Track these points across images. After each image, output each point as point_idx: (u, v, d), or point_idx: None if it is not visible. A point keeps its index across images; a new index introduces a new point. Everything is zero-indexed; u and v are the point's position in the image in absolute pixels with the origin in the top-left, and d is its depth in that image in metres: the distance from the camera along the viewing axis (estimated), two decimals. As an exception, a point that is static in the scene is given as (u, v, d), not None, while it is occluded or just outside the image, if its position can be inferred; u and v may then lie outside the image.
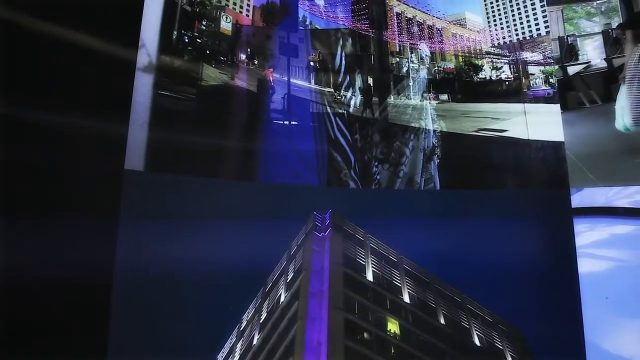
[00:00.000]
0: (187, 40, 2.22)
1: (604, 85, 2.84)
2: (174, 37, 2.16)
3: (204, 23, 2.32)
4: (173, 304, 2.11)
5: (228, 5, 2.49)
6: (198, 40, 2.27)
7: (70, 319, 1.80)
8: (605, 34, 2.90)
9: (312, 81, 2.78)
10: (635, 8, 2.74)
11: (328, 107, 2.78)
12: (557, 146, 2.80)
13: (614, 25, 2.90)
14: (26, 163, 1.77)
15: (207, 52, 2.31)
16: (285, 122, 2.61)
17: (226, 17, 2.43)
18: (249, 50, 2.54)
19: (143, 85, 1.99)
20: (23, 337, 1.75)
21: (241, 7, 2.55)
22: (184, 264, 2.19)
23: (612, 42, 2.84)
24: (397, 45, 3.13)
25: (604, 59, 2.88)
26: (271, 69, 2.61)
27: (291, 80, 2.69)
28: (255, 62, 2.56)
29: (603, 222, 2.66)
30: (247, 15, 2.59)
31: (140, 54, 2.00)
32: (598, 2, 2.99)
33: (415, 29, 3.19)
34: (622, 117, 2.77)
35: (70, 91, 1.86)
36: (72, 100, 1.84)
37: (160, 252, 2.09)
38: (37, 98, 1.82)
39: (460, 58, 3.16)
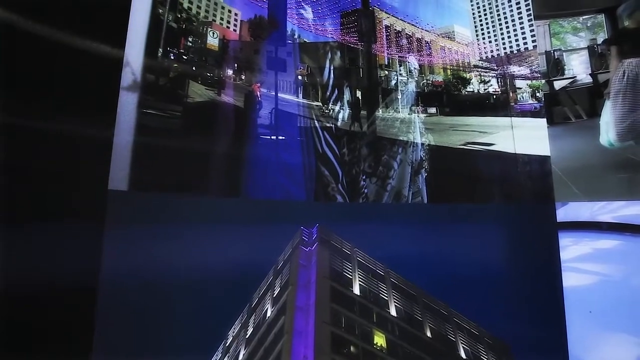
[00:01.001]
0: (172, 57, 2.22)
1: (590, 100, 2.87)
2: (160, 54, 2.16)
3: (190, 39, 2.32)
4: (158, 322, 2.11)
5: (215, 21, 2.48)
6: (184, 57, 2.27)
7: (54, 326, 1.80)
8: (591, 49, 2.93)
9: (300, 95, 2.79)
10: (620, 24, 2.77)
11: (316, 121, 2.79)
12: (543, 160, 2.83)
13: (600, 40, 2.94)
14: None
15: (193, 68, 2.31)
16: (272, 137, 2.61)
17: (213, 33, 2.43)
18: (236, 65, 2.54)
19: (127, 104, 1.99)
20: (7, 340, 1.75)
21: (228, 22, 2.55)
22: (170, 281, 2.20)
23: (597, 58, 2.88)
24: (386, 58, 3.14)
25: (590, 74, 2.91)
26: (259, 84, 2.61)
27: (279, 94, 2.69)
28: (243, 77, 2.56)
29: (587, 237, 2.69)
30: (235, 30, 2.59)
31: (125, 73, 2.00)
32: (584, 17, 3.02)
33: (404, 41, 3.20)
34: (607, 133, 2.80)
35: (54, 109, 1.86)
36: (55, 118, 1.84)
37: (145, 270, 2.09)
38: (25, 112, 1.82)
39: (448, 71, 3.17)
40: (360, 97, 2.98)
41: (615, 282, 2.55)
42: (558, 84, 2.94)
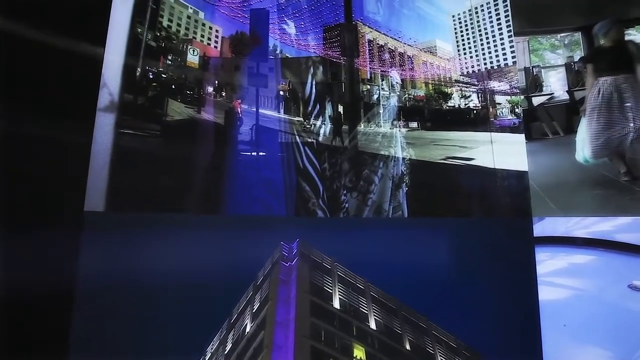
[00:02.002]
0: (151, 77, 2.23)
1: (566, 117, 2.93)
2: (138, 74, 2.17)
3: (169, 57, 2.34)
4: (136, 340, 2.13)
5: (195, 38, 2.50)
6: (163, 75, 2.28)
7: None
8: (568, 66, 2.98)
9: (282, 111, 2.82)
10: (595, 43, 2.82)
11: (297, 137, 2.81)
12: (521, 175, 2.88)
13: (576, 58, 2.99)
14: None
15: (173, 86, 2.32)
16: (253, 153, 2.64)
17: (193, 50, 2.45)
18: (216, 82, 2.56)
19: (104, 125, 2.00)
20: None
21: (209, 39, 2.57)
22: (148, 298, 2.22)
23: (574, 75, 2.93)
24: (368, 72, 3.17)
25: (567, 91, 2.96)
26: (239, 100, 2.64)
27: (260, 110, 2.72)
28: (223, 94, 2.58)
29: (563, 252, 2.74)
30: (216, 47, 2.61)
31: (102, 94, 2.01)
32: (562, 35, 3.07)
33: (387, 56, 3.24)
34: (582, 150, 2.86)
35: (30, 131, 1.87)
36: (31, 141, 1.85)
37: (123, 289, 2.11)
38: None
39: (430, 86, 3.21)
40: (342, 112, 3.01)
41: (589, 297, 2.60)
42: (536, 100, 2.99)
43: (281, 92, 2.84)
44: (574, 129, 2.82)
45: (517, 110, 3.01)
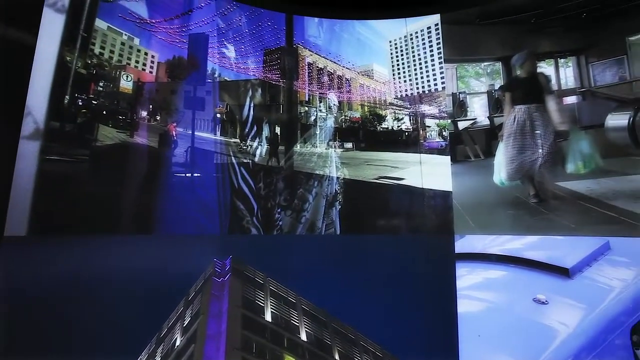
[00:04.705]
0: (80, 103, 2.32)
1: (487, 141, 3.15)
2: (66, 101, 2.25)
3: (101, 84, 2.43)
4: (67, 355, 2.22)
5: (130, 64, 2.60)
6: (94, 102, 2.37)
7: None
8: (490, 94, 3.21)
9: (218, 133, 2.94)
10: (513, 73, 3.05)
11: (233, 158, 2.94)
12: (446, 195, 3.09)
13: (497, 86, 3.22)
14: None
15: (104, 112, 2.41)
16: (187, 175, 2.75)
17: (127, 76, 2.55)
18: (151, 106, 2.66)
19: (28, 153, 2.08)
20: None
21: (144, 64, 2.67)
22: (78, 313, 2.31)
23: (494, 102, 3.16)
24: (307, 94, 3.32)
25: (488, 116, 3.18)
26: (174, 124, 2.74)
27: (196, 133, 2.83)
28: (158, 118, 2.69)
29: (480, 267, 2.95)
30: (151, 72, 2.71)
31: (26, 122, 2.10)
32: (485, 64, 3.29)
33: (326, 78, 3.40)
34: (499, 172, 3.08)
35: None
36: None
37: (49, 309, 2.20)
38: None
39: (366, 108, 3.39)
40: (279, 133, 3.16)
41: (501, 309, 2.82)
42: (461, 125, 3.20)
43: (218, 115, 2.96)
44: (493, 153, 3.05)
45: (444, 133, 3.21)
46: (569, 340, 2.48)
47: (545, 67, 3.06)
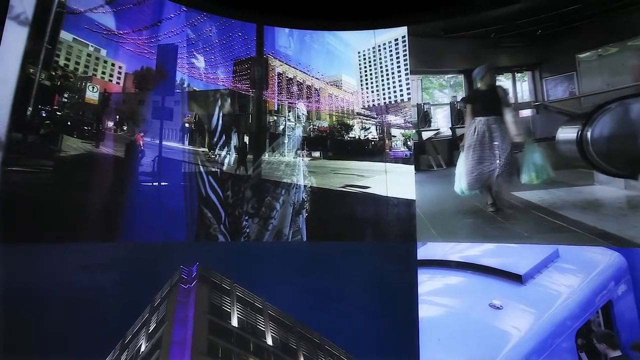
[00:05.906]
0: (44, 115, 2.36)
1: (449, 151, 3.26)
2: (29, 113, 2.29)
3: (65, 95, 2.47)
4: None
5: (96, 75, 2.64)
6: (58, 113, 2.41)
7: None
8: (452, 105, 3.32)
9: (186, 142, 3.00)
10: (474, 85, 3.17)
11: (201, 166, 3.00)
12: (409, 203, 3.19)
13: (459, 98, 3.33)
14: None
15: (69, 123, 2.46)
16: (154, 184, 2.80)
17: (93, 87, 2.59)
18: (117, 117, 2.71)
19: (-11, 165, 2.12)
20: None
21: (111, 75, 2.71)
22: (42, 325, 2.35)
23: (456, 113, 3.27)
24: (276, 104, 3.40)
25: (450, 127, 3.30)
26: (142, 134, 2.80)
27: (164, 142, 2.89)
28: (125, 128, 2.74)
29: (440, 273, 3.06)
30: (118, 83, 2.76)
31: (-13, 136, 2.13)
32: (448, 76, 3.41)
33: (295, 88, 3.47)
34: (460, 181, 3.20)
35: None
36: None
37: (14, 313, 2.23)
38: None
39: (334, 117, 3.48)
40: (247, 142, 3.23)
41: (460, 314, 2.93)
42: (425, 135, 3.31)
43: (186, 124, 3.02)
44: (455, 163, 3.16)
45: (409, 143, 3.32)
46: (520, 343, 2.60)
47: (504, 81, 3.19)
